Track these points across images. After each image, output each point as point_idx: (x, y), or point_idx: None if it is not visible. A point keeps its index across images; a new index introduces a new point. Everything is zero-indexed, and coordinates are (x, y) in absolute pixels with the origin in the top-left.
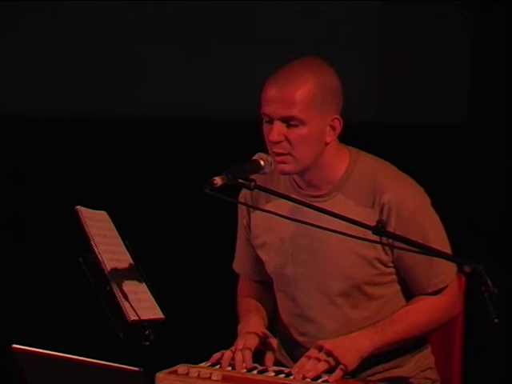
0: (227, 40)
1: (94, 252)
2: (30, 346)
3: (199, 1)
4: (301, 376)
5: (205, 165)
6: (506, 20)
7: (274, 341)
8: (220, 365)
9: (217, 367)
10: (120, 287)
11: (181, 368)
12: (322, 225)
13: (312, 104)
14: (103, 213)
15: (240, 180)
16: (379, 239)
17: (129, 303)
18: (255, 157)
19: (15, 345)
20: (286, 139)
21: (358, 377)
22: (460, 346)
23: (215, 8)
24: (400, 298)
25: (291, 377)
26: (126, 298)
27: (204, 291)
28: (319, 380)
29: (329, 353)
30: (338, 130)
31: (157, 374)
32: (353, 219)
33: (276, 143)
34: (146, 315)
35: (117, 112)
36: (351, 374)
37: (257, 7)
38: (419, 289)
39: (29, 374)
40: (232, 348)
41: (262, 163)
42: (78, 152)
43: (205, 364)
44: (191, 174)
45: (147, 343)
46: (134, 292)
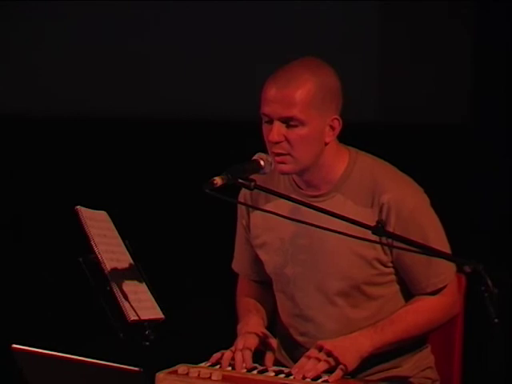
0: (227, 40)
1: (94, 252)
2: (30, 346)
3: (199, 1)
4: (301, 376)
5: (205, 165)
6: (506, 20)
7: (274, 341)
8: (220, 365)
9: (217, 367)
10: (120, 287)
11: (181, 368)
12: (322, 225)
13: (312, 104)
14: (103, 213)
15: (240, 180)
16: (379, 239)
17: (129, 303)
18: (255, 157)
19: (15, 345)
20: (286, 139)
21: (358, 377)
22: (460, 346)
23: (215, 8)
24: (399, 298)
25: (291, 377)
26: (126, 298)
27: (204, 291)
28: (319, 380)
29: (329, 353)
30: (338, 130)
31: (157, 374)
32: (352, 219)
33: (276, 143)
34: (146, 315)
35: (117, 112)
36: (351, 374)
37: (257, 7)
38: (418, 289)
39: (29, 374)
40: (232, 348)
41: (262, 163)
42: (78, 152)
43: (205, 364)
44: (191, 174)
45: (147, 343)
46: (134, 292)
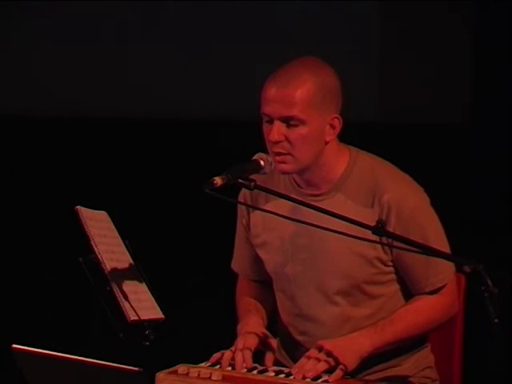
0: (227, 40)
1: (94, 252)
2: (30, 346)
3: (199, 1)
4: (301, 376)
5: (205, 165)
6: (506, 20)
7: (274, 341)
8: (220, 365)
9: (217, 367)
10: (120, 287)
11: (181, 368)
12: (322, 224)
13: (311, 103)
14: (103, 213)
15: (240, 180)
16: (379, 239)
17: (129, 303)
18: (255, 157)
19: (15, 345)
20: (286, 139)
21: (358, 376)
22: (460, 346)
23: (215, 8)
24: (399, 297)
25: (291, 377)
26: (126, 298)
27: (204, 291)
28: (319, 380)
29: (329, 353)
30: (338, 129)
31: (157, 374)
32: (352, 219)
33: (276, 143)
34: (146, 315)
35: (117, 112)
36: (351, 374)
37: (257, 7)
38: (417, 288)
39: (29, 374)
40: (232, 348)
41: (262, 163)
42: (78, 152)
43: (205, 364)
44: (191, 174)
45: (147, 343)
46: (134, 292)
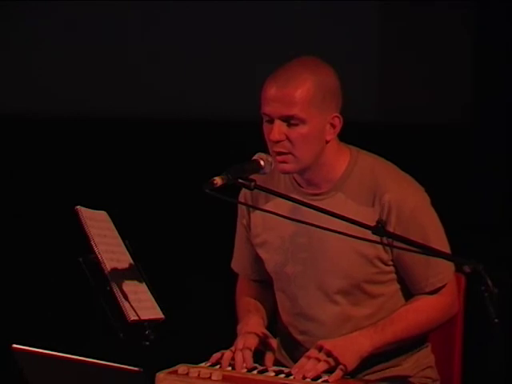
0: (227, 40)
1: (94, 252)
2: (30, 346)
3: (199, 1)
4: (301, 376)
5: (205, 165)
6: (506, 20)
7: (274, 341)
8: (220, 365)
9: (217, 367)
10: (120, 287)
11: (181, 368)
12: (322, 224)
13: (312, 103)
14: (103, 213)
15: (240, 180)
16: (379, 239)
17: (129, 303)
18: (255, 157)
19: (15, 345)
20: (287, 138)
21: (358, 376)
22: (460, 346)
23: (215, 8)
24: (400, 297)
25: (291, 377)
26: (126, 298)
27: (204, 291)
28: (319, 380)
29: (329, 353)
30: (338, 128)
31: (157, 374)
32: (352, 219)
33: (277, 142)
34: (146, 315)
35: (117, 112)
36: (351, 374)
37: (257, 7)
38: (417, 288)
39: (29, 374)
40: (232, 348)
41: (262, 163)
42: (78, 152)
43: (205, 364)
44: (191, 174)
45: (147, 343)
46: (134, 292)
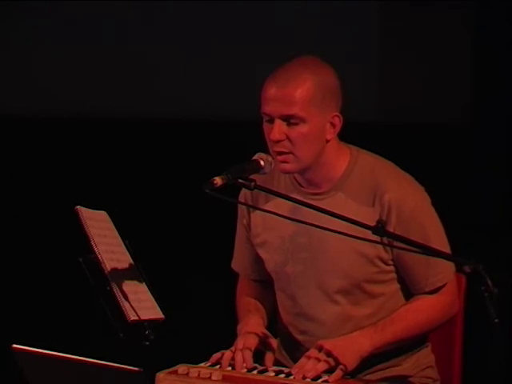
0: (227, 40)
1: (94, 252)
2: (30, 346)
3: (199, 1)
4: (301, 376)
5: (205, 165)
6: (506, 20)
7: (274, 341)
8: (220, 365)
9: (217, 367)
10: (120, 287)
11: (181, 368)
12: (323, 223)
13: (312, 102)
14: (103, 213)
15: (240, 180)
16: (379, 239)
17: (129, 303)
18: (255, 157)
19: (15, 345)
20: (287, 138)
21: (358, 376)
22: (460, 346)
23: (215, 8)
24: (400, 296)
25: (291, 377)
26: (126, 298)
27: (204, 291)
28: (319, 380)
29: (329, 353)
30: (339, 127)
31: (157, 374)
32: (352, 219)
33: (277, 142)
34: (146, 315)
35: (117, 112)
36: (351, 374)
37: (257, 7)
38: (417, 288)
39: (29, 374)
40: (232, 348)
41: (262, 163)
42: (78, 152)
43: (205, 364)
44: (191, 174)
45: (147, 343)
46: (134, 292)
